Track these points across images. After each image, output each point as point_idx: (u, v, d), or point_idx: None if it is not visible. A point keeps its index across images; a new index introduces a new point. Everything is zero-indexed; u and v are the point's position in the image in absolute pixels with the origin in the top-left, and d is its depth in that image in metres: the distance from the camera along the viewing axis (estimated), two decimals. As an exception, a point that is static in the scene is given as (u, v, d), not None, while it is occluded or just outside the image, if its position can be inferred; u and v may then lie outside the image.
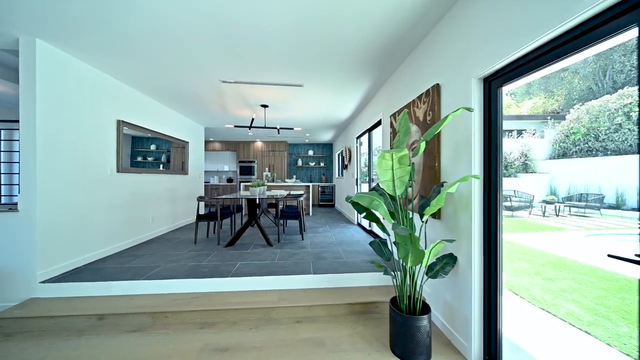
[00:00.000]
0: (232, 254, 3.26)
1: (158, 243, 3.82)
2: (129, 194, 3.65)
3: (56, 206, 2.57)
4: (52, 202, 2.52)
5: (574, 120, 4.53)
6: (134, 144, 3.90)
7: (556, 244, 3.92)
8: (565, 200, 3.90)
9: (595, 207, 3.71)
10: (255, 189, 3.89)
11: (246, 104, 4.46)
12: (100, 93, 3.14)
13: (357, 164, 5.40)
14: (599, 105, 4.24)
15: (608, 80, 4.54)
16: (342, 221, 5.81)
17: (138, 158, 3.92)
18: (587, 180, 3.82)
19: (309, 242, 3.88)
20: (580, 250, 3.70)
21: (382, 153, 1.56)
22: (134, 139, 3.87)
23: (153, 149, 4.43)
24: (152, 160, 4.28)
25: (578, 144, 4.26)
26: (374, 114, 4.01)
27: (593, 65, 4.70)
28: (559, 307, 2.49)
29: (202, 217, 3.78)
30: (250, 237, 4.10)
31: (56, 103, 2.58)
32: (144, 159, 4.13)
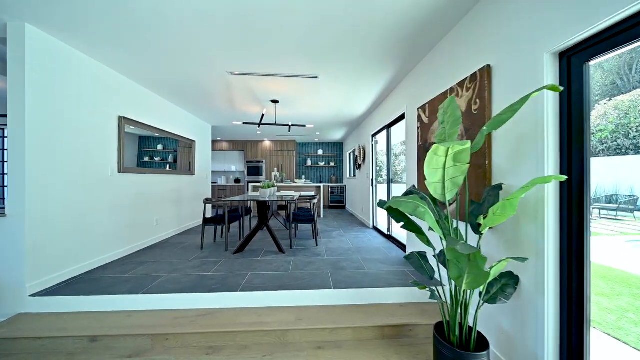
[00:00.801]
0: (242, 262, 2.97)
1: (162, 248, 3.57)
2: (131, 195, 3.40)
3: (50, 210, 2.32)
4: (45, 206, 2.27)
5: (600, 116, 4.10)
6: (140, 143, 3.73)
7: (597, 251, 3.48)
8: (594, 202, 3.47)
9: (628, 210, 3.29)
10: (266, 190, 3.60)
11: (255, 99, 4.18)
12: (99, 86, 2.90)
13: (373, 164, 5.05)
14: (629, 100, 3.81)
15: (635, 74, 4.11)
16: (356, 224, 5.47)
17: (145, 158, 3.76)
18: (616, 180, 3.39)
19: (323, 248, 3.56)
20: (627, 258, 3.27)
21: (436, 147, 1.23)
22: (141, 139, 3.70)
23: (160, 149, 4.26)
24: (159, 160, 4.12)
25: (605, 142, 3.83)
26: (395, 109, 3.66)
27: (617, 59, 4.24)
28: (627, 332, 2.10)
29: (208, 221, 3.51)
30: (260, 243, 3.81)
31: (49, 97, 2.33)
32: (151, 159, 3.96)
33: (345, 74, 3.21)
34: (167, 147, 4.36)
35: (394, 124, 3.92)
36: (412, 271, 2.69)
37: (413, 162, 2.98)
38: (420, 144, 2.74)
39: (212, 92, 3.87)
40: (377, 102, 4.36)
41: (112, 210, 3.06)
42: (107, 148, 3.01)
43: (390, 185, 4.12)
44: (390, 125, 4.07)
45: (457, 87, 2.08)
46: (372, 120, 4.95)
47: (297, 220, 3.60)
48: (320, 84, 3.51)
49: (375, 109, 4.67)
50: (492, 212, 1.29)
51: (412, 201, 1.38)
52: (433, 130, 2.46)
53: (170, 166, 4.50)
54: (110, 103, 3.06)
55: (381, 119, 4.38)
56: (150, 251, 3.43)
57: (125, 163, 3.52)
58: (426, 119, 2.60)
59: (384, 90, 3.74)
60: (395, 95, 3.64)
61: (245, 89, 3.73)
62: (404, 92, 3.30)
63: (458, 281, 1.35)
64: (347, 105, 4.54)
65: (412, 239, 3.03)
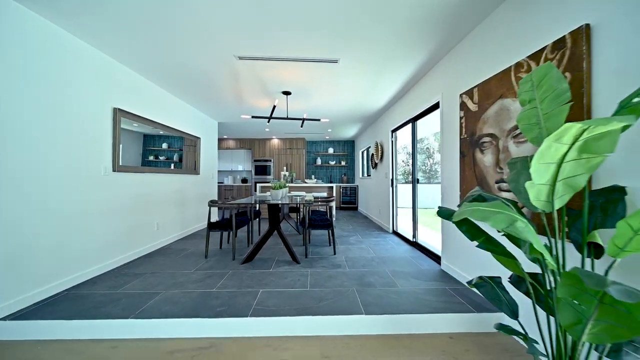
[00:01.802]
0: (251, 275, 2.57)
1: (163, 256, 3.20)
2: (128, 197, 3.04)
3: (29, 216, 1.96)
4: (22, 211, 1.91)
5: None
6: (145, 142, 3.48)
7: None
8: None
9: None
10: (277, 191, 3.19)
11: (265, 91, 3.78)
12: (90, 73, 2.54)
13: (394, 162, 4.60)
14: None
15: None
16: (372, 228, 5.03)
17: (150, 157, 3.53)
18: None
19: (343, 257, 3.14)
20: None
21: (562, 131, 0.79)
22: (145, 137, 3.46)
23: (165, 148, 3.98)
24: (164, 159, 3.86)
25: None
26: (424, 99, 3.21)
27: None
28: None
29: (214, 226, 3.13)
30: (271, 250, 3.41)
31: (27, 82, 1.97)
32: (155, 158, 3.72)
33: (370, 58, 2.78)
34: (172, 145, 4.11)
35: (421, 116, 3.47)
36: (455, 289, 2.24)
37: (452, 159, 2.53)
38: (464, 136, 2.29)
39: (218, 82, 3.48)
40: (401, 93, 3.90)
41: (106, 215, 2.70)
42: (99, 144, 2.65)
43: (415, 186, 3.66)
44: (416, 119, 3.61)
45: (526, 62, 1.62)
46: (393, 114, 4.50)
47: (313, 226, 3.18)
48: (339, 71, 3.09)
49: (398, 100, 4.22)
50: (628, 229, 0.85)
51: (503, 211, 0.94)
52: (486, 119, 2.00)
53: (175, 165, 4.21)
54: (103, 92, 2.70)
55: (404, 112, 3.93)
56: (149, 259, 3.06)
57: (127, 161, 3.20)
58: (474, 106, 2.15)
59: (411, 77, 3.28)
60: (426, 83, 3.18)
61: (254, 78, 3.34)
62: (439, 77, 2.85)
63: (572, 330, 0.91)
64: (366, 97, 4.11)
65: (451, 249, 2.58)
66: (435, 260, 2.99)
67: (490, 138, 1.95)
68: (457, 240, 2.48)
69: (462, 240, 2.37)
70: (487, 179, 1.99)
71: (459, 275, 2.44)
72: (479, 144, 2.08)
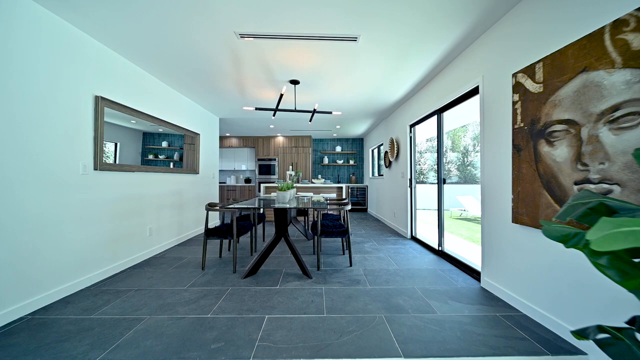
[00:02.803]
0: (255, 293, 2.15)
1: (154, 267, 2.80)
2: (114, 200, 2.65)
3: (-26, 225, 1.57)
4: (-36, 219, 1.52)
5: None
6: (144, 140, 3.28)
7: None
8: None
9: None
10: (284, 193, 2.77)
11: (270, 79, 3.36)
12: (68, 55, 2.14)
13: (412, 160, 4.14)
14: None
15: None
16: (387, 232, 4.58)
17: (149, 156, 3.32)
18: None
19: (361, 270, 2.70)
20: None
21: None
22: (145, 135, 3.27)
23: (165, 146, 3.70)
24: (164, 158, 3.61)
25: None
26: (456, 84, 2.75)
27: None
28: None
29: (212, 233, 2.71)
30: (277, 260, 2.99)
31: (-25, 56, 1.57)
32: (155, 157, 3.47)
33: (395, 37, 2.33)
34: (172, 144, 3.84)
35: (450, 107, 3.01)
36: (509, 316, 1.79)
37: (499, 154, 2.08)
38: (520, 126, 1.83)
39: (218, 68, 3.07)
40: (424, 82, 3.44)
41: (85, 221, 2.30)
42: (77, 137, 2.26)
43: (442, 187, 3.21)
44: (443, 110, 3.15)
45: (635, 16, 1.17)
46: (412, 107, 4.04)
47: (326, 233, 2.75)
48: (355, 55, 2.65)
49: (419, 91, 3.75)
50: None
51: None
52: (558, 102, 1.55)
53: (175, 164, 3.89)
54: (83, 77, 2.31)
55: (427, 103, 3.47)
56: (137, 271, 2.66)
57: (124, 160, 2.88)
58: (536, 86, 1.70)
59: (439, 61, 2.83)
60: (459, 66, 2.73)
61: (258, 63, 2.91)
62: (477, 57, 2.39)
63: None
64: (382, 88, 3.66)
65: (497, 263, 2.12)
66: (472, 275, 2.54)
67: (566, 125, 1.49)
68: (505, 253, 2.02)
69: (515, 253, 1.92)
70: (559, 179, 1.53)
71: (508, 297, 1.98)
72: (546, 134, 1.63)
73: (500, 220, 2.08)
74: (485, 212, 2.27)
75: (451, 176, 9.57)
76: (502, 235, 2.05)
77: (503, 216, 2.04)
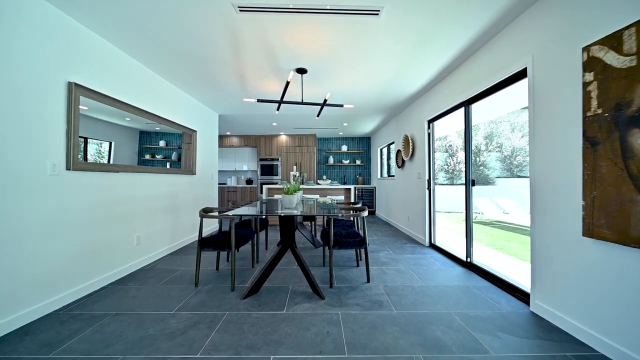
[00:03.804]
0: (257, 320, 1.75)
1: (140, 282, 2.42)
2: (94, 205, 2.27)
3: None
4: None
5: None
6: (141, 139, 3.13)
7: None
8: None
9: None
10: (291, 197, 2.38)
11: (274, 68, 2.97)
12: (34, 33, 1.77)
13: (431, 160, 3.73)
14: None
15: None
16: (401, 238, 4.17)
17: (146, 156, 3.18)
18: None
19: (381, 287, 2.30)
20: None
21: None
22: (141, 134, 3.11)
23: (163, 146, 3.50)
24: (161, 158, 3.43)
25: None
26: (498, 67, 2.34)
27: None
28: None
29: (207, 244, 2.32)
30: (282, 273, 2.59)
31: None
32: (152, 156, 3.34)
33: (424, 11, 1.93)
34: (170, 143, 3.61)
35: (481, 97, 2.60)
36: (582, 357, 1.38)
37: (563, 150, 1.67)
38: (597, 112, 1.42)
39: (215, 54, 2.69)
40: (447, 70, 3.03)
41: (54, 231, 1.93)
42: (45, 131, 1.88)
43: (470, 189, 2.80)
44: (472, 101, 2.75)
45: None
46: (431, 100, 3.64)
47: (340, 244, 2.35)
48: (374, 35, 2.25)
49: (441, 81, 3.34)
50: None
51: None
52: (667, 76, 1.14)
53: (172, 164, 3.63)
54: (53, 60, 1.93)
55: (451, 95, 3.07)
56: (120, 288, 2.28)
57: (120, 160, 2.63)
58: (625, 59, 1.29)
59: (472, 42, 2.42)
60: (497, 47, 2.32)
61: (261, 47, 2.53)
62: (526, 33, 1.97)
63: None
64: (401, 77, 3.25)
65: (555, 284, 1.71)
66: (513, 294, 2.13)
67: (683, 108, 1.09)
68: (570, 273, 1.61)
69: (586, 275, 1.51)
70: (669, 182, 1.13)
71: (575, 330, 1.57)
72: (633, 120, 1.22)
73: (562, 232, 1.67)
74: (536, 222, 1.86)
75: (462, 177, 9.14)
76: (566, 251, 1.64)
77: (567, 227, 1.63)
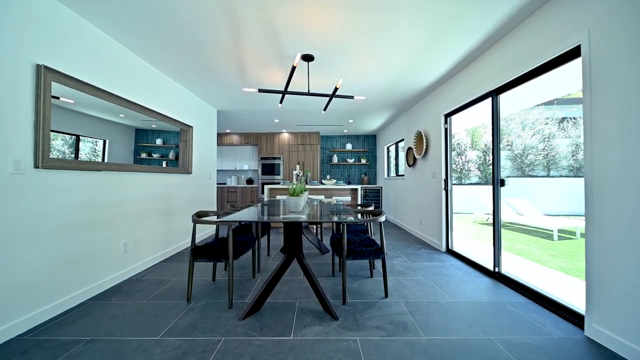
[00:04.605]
0: (259, 350, 1.44)
1: (125, 297, 2.11)
2: (71, 208, 1.97)
3: None
4: None
5: None
6: (137, 137, 2.98)
7: None
8: None
9: None
10: (297, 200, 2.08)
11: (278, 55, 2.66)
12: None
13: (448, 157, 3.41)
14: None
15: None
16: (413, 242, 3.85)
17: (142, 154, 3.04)
18: None
19: (402, 304, 1.99)
20: None
21: None
22: (137, 132, 2.96)
23: (160, 144, 3.34)
24: (158, 157, 3.28)
25: None
26: (538, 48, 2.01)
27: None
28: None
29: (200, 253, 2.01)
30: (287, 286, 2.28)
31: None
32: (149, 155, 3.19)
33: None
34: (167, 141, 3.44)
35: (512, 85, 2.28)
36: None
37: (627, 140, 1.35)
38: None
39: (211, 38, 2.37)
40: (472, 56, 2.71)
41: (18, 239, 1.62)
42: (5, 122, 1.58)
43: (498, 190, 2.48)
44: (501, 90, 2.43)
45: None
46: (450, 92, 3.32)
47: (355, 254, 2.03)
48: (392, 14, 1.94)
49: (462, 69, 3.00)
50: None
51: None
52: None
53: (169, 163, 3.42)
54: (17, 39, 1.63)
55: (476, 84, 2.75)
56: (100, 305, 1.97)
57: (114, 159, 2.46)
58: None
59: (506, 20, 2.10)
60: (540, 23, 2.00)
61: (262, 29, 2.22)
62: (579, 3, 1.66)
63: None
64: (419, 64, 2.93)
65: (622, 305, 1.39)
66: (559, 312, 1.81)
67: None
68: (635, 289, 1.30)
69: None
70: None
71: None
72: None
73: (635, 242, 1.36)
74: (594, 230, 1.55)
75: (470, 176, 8.81)
76: (636, 265, 1.33)
77: None
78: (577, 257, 3.67)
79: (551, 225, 4.64)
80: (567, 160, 7.65)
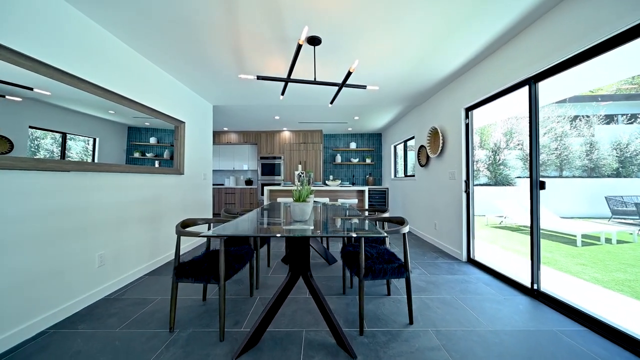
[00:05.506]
0: (255, 411, 1.09)
1: (94, 323, 1.75)
2: (28, 216, 1.61)
3: None
4: None
5: None
6: (130, 136, 2.76)
7: None
8: None
9: None
10: (304, 206, 1.72)
11: (279, 37, 2.30)
12: None
13: (470, 156, 3.06)
14: None
15: None
16: (428, 250, 3.50)
17: (135, 154, 2.82)
18: None
19: (431, 333, 1.63)
20: None
21: None
22: (130, 130, 2.75)
23: (154, 143, 3.09)
24: (151, 156, 3.04)
25: None
26: (588, 27, 1.66)
27: None
28: None
29: (185, 272, 1.65)
30: (291, 309, 1.92)
31: None
32: (142, 154, 2.95)
33: None
34: (162, 140, 3.18)
35: (555, 71, 1.92)
36: None
37: None
38: None
39: (202, 14, 2.02)
40: (502, 40, 2.35)
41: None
42: None
43: (537, 192, 2.12)
44: (540, 77, 2.07)
45: None
46: (474, 82, 2.96)
47: (374, 273, 1.67)
48: None
49: (491, 55, 2.62)
50: None
51: None
52: None
53: (162, 163, 3.14)
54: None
55: (505, 71, 2.40)
56: (62, 336, 1.61)
57: (105, 158, 2.23)
58: None
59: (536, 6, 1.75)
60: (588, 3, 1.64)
61: (261, 5, 1.86)
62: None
63: None
64: (438, 51, 2.57)
65: None
66: (630, 348, 1.46)
67: None
68: None
69: None
70: None
71: None
72: None
73: None
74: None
75: (480, 177, 8.45)
76: None
77: None
78: (610, 266, 3.31)
79: (573, 230, 4.29)
80: (581, 160, 7.31)
